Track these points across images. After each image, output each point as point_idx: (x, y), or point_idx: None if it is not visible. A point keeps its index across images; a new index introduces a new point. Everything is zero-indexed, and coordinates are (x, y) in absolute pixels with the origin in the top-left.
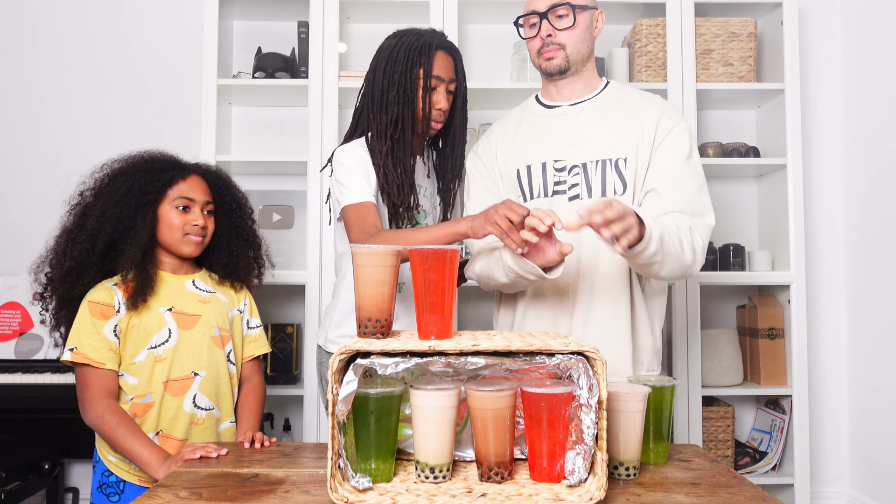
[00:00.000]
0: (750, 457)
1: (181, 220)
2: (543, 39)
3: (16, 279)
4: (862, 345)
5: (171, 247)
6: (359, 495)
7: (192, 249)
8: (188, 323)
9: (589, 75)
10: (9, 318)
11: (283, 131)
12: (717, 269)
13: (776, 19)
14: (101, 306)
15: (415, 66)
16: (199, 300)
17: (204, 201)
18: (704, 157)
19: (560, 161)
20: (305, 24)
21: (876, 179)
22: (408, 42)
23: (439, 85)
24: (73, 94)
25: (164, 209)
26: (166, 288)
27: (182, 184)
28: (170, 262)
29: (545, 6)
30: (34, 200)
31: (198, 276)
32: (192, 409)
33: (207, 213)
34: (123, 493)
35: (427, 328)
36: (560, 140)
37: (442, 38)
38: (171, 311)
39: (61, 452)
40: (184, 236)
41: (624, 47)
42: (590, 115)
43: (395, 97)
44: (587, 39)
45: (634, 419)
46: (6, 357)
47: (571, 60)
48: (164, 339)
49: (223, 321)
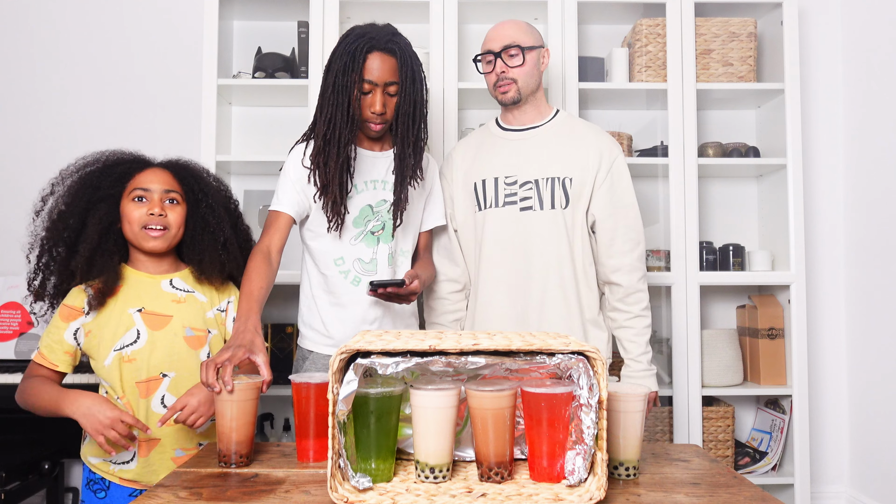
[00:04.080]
0: (750, 457)
1: (138, 213)
2: (498, 75)
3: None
4: (862, 345)
5: (135, 242)
6: (359, 495)
7: (154, 244)
8: (158, 324)
9: (538, 104)
10: (9, 318)
11: (283, 131)
12: (717, 269)
13: (776, 19)
14: (70, 309)
15: (349, 69)
16: (172, 300)
17: (162, 190)
18: (704, 157)
19: (511, 177)
20: (305, 24)
21: (876, 179)
22: (347, 43)
23: (373, 89)
24: (73, 94)
25: (124, 203)
26: (138, 288)
27: (139, 176)
28: (146, 262)
29: (499, 47)
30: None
31: (178, 275)
32: (160, 409)
33: (172, 203)
34: (109, 489)
35: (305, 452)
36: (511, 158)
37: (384, 39)
38: (140, 312)
39: (61, 452)
40: (142, 229)
41: (624, 47)
42: (541, 139)
43: (331, 97)
44: (535, 74)
45: (634, 419)
46: (6, 357)
47: (523, 93)
48: (132, 340)
49: (197, 321)
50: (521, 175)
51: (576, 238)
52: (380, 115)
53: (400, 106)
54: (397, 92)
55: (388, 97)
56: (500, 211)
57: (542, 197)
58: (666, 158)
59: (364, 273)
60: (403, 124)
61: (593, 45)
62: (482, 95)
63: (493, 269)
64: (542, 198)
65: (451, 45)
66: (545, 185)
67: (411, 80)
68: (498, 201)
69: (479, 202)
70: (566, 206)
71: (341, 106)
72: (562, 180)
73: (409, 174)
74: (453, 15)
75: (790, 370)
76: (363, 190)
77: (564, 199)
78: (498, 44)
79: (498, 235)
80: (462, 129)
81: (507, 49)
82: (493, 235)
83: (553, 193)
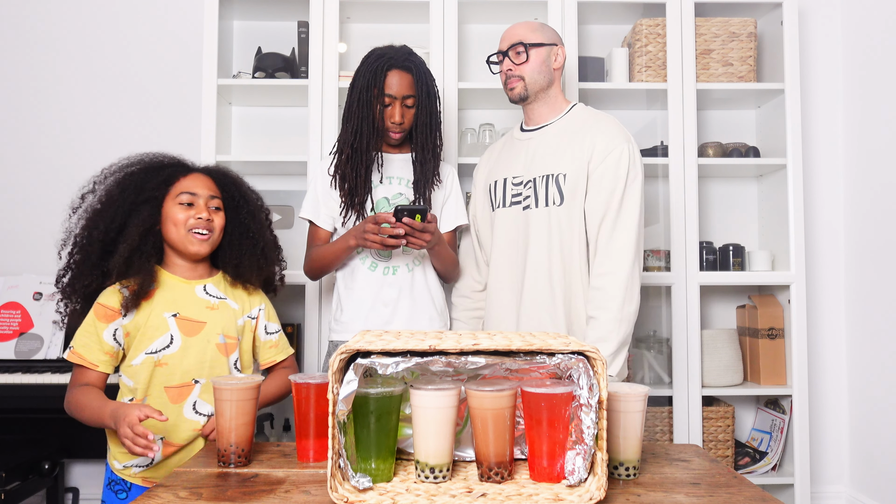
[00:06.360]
0: (750, 457)
1: (185, 216)
2: (506, 73)
3: (16, 279)
4: (862, 345)
5: (179, 245)
6: (359, 495)
7: (198, 248)
8: (192, 329)
9: (551, 101)
10: (9, 318)
11: (283, 131)
12: (717, 269)
13: (776, 19)
14: (107, 309)
15: (371, 86)
16: (206, 306)
17: (208, 196)
18: (704, 157)
19: (518, 177)
20: (305, 24)
21: (876, 179)
22: (369, 63)
23: (393, 102)
24: (72, 94)
25: (168, 206)
26: (174, 293)
27: (185, 180)
28: (181, 267)
29: (506, 46)
30: (34, 201)
31: (211, 281)
32: (193, 415)
33: (214, 209)
34: (130, 490)
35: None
36: (521, 158)
37: (401, 58)
38: (175, 317)
39: (61, 452)
40: (188, 233)
41: (624, 47)
42: (548, 137)
43: (356, 111)
44: (544, 71)
45: (634, 419)
46: (6, 357)
47: (530, 89)
48: (165, 345)
49: (230, 328)
50: (526, 174)
51: (573, 237)
52: (399, 124)
53: (418, 117)
54: (414, 104)
55: (406, 109)
56: (507, 211)
57: (538, 195)
58: (666, 158)
59: (380, 259)
60: (422, 133)
61: (593, 45)
62: (482, 95)
63: (499, 268)
64: (538, 196)
65: (451, 45)
66: (541, 183)
67: (426, 94)
68: (505, 201)
69: (492, 203)
70: (560, 203)
71: (366, 119)
72: (555, 177)
73: (428, 180)
74: (453, 15)
75: (790, 370)
76: (379, 185)
77: (559, 197)
78: (506, 43)
79: (505, 235)
80: (462, 129)
81: (514, 47)
82: (501, 235)
83: (547, 191)
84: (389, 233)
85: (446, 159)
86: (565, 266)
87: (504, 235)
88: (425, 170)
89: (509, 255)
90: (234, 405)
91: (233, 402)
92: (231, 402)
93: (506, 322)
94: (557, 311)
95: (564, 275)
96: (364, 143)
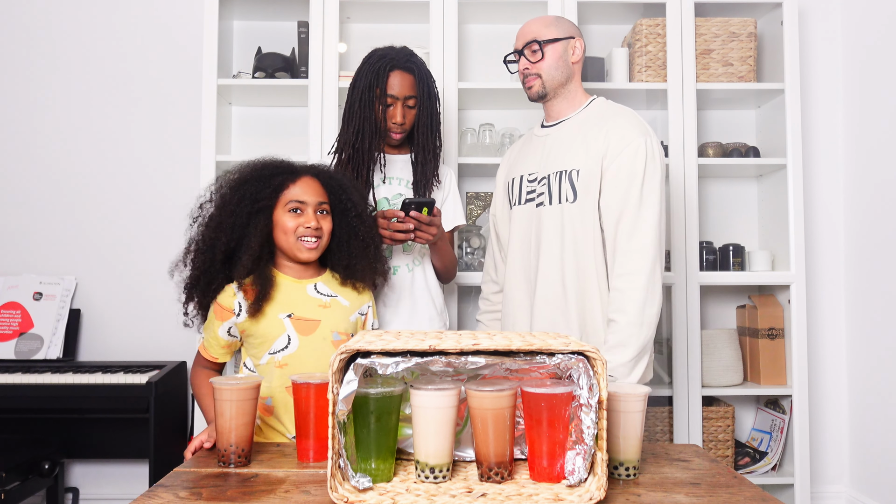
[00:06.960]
0: (750, 457)
1: (294, 224)
2: (523, 72)
3: (16, 279)
4: (862, 345)
5: (289, 251)
6: (359, 495)
7: (307, 255)
8: (308, 329)
9: (570, 96)
10: (9, 318)
11: (283, 131)
12: (717, 269)
13: (776, 19)
14: (222, 309)
15: (373, 86)
16: (319, 305)
17: (317, 202)
18: (704, 156)
19: (533, 174)
20: (305, 24)
21: (876, 179)
22: (370, 63)
23: (395, 102)
24: (72, 94)
25: (279, 214)
26: (287, 293)
27: (293, 187)
28: (292, 268)
29: (522, 44)
30: (34, 201)
31: (321, 280)
32: None
33: (323, 214)
34: None
35: (305, 452)
36: (537, 155)
37: (403, 59)
38: (290, 318)
39: (61, 452)
40: (298, 240)
41: (624, 47)
42: (564, 132)
43: (358, 111)
44: (561, 66)
45: (634, 419)
46: (6, 357)
47: (548, 86)
48: (283, 346)
49: (344, 325)
50: (541, 171)
51: (586, 235)
52: (400, 125)
53: (419, 118)
54: (415, 105)
55: (408, 109)
56: (522, 208)
57: (551, 192)
58: (666, 158)
59: None
60: (423, 134)
61: (593, 45)
62: (482, 95)
63: (514, 267)
64: (551, 193)
65: (451, 45)
66: (554, 180)
67: (427, 95)
68: (521, 199)
69: (510, 200)
70: (574, 200)
71: (368, 119)
72: (568, 173)
73: (428, 180)
74: (453, 15)
75: (790, 370)
76: (381, 185)
77: (572, 193)
78: (521, 41)
79: (519, 233)
80: (462, 128)
81: (529, 45)
82: (516, 233)
83: (560, 187)
84: (399, 227)
85: (446, 159)
86: (578, 265)
87: (518, 233)
88: (425, 170)
89: (523, 254)
90: (234, 405)
91: (233, 402)
92: (231, 402)
93: (520, 322)
94: (570, 311)
95: (577, 274)
96: (366, 144)
